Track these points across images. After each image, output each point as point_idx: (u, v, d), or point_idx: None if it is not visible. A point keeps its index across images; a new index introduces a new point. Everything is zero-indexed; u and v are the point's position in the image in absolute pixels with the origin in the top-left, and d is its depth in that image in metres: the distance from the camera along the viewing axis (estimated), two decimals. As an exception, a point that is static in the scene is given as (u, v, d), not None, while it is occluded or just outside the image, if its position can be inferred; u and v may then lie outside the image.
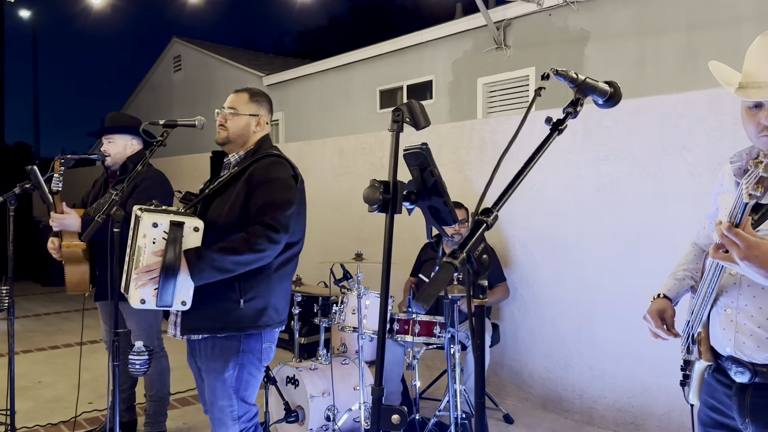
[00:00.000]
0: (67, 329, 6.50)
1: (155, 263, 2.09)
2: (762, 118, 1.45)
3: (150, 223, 2.09)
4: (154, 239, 2.09)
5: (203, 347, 2.32)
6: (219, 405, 2.32)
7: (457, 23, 7.77)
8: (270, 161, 2.33)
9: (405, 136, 1.29)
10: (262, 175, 2.28)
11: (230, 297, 2.24)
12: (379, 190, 1.30)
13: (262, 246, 2.17)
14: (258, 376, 2.39)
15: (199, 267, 2.12)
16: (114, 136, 3.29)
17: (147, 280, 2.09)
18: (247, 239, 2.17)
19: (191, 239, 2.14)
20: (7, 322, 3.06)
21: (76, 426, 3.70)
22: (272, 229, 2.19)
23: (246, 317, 2.26)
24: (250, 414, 2.37)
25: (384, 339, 1.30)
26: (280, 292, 2.36)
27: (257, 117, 2.47)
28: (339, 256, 4.05)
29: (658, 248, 3.47)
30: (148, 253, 2.10)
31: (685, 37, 5.68)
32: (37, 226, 9.77)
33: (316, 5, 9.81)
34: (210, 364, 2.31)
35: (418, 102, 1.40)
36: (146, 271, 2.09)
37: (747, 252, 1.26)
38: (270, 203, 2.23)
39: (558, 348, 3.96)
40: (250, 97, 2.48)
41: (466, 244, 1.09)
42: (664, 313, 1.75)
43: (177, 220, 2.12)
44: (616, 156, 3.67)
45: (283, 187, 2.29)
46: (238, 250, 2.15)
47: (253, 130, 2.47)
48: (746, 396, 1.51)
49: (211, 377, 2.32)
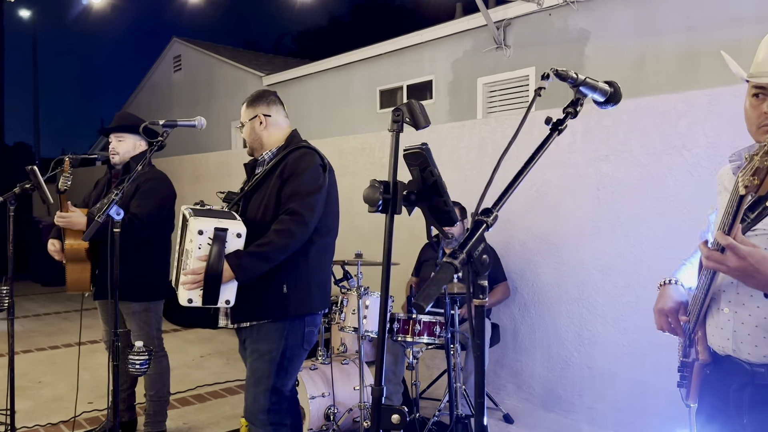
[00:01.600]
0: (67, 329, 6.50)
1: (200, 268, 2.23)
2: (766, 107, 1.46)
3: (196, 229, 2.22)
4: (200, 245, 2.23)
5: (250, 333, 2.45)
6: (255, 393, 2.42)
7: (457, 23, 7.77)
8: (299, 153, 2.46)
9: (405, 136, 1.29)
10: (292, 167, 2.42)
11: (274, 286, 2.37)
12: (379, 190, 1.30)
13: (290, 232, 2.31)
14: (298, 362, 2.50)
15: (241, 268, 2.26)
16: (124, 135, 3.30)
17: (194, 284, 2.25)
18: (277, 229, 2.32)
19: (234, 244, 2.27)
20: (7, 322, 3.06)
21: (76, 426, 3.70)
22: (297, 215, 2.33)
23: (289, 304, 2.39)
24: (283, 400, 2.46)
25: (384, 339, 1.30)
26: (319, 279, 2.50)
27: (256, 117, 2.56)
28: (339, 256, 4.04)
29: (658, 248, 3.47)
30: (194, 258, 2.24)
31: (685, 37, 5.68)
32: (37, 226, 9.76)
33: (316, 5, 9.81)
34: (255, 346, 2.43)
35: (418, 102, 1.40)
36: (192, 275, 2.24)
37: (738, 263, 1.30)
38: (296, 192, 2.37)
39: (558, 348, 3.96)
40: (246, 105, 2.61)
41: (466, 244, 1.09)
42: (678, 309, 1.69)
43: (221, 226, 2.25)
44: (616, 156, 3.67)
45: (310, 175, 2.41)
46: (272, 242, 2.29)
47: (259, 130, 2.57)
48: (744, 396, 1.51)
49: (254, 359, 2.43)
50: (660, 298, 1.73)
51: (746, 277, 1.33)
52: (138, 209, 3.11)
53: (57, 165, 2.96)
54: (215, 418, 3.87)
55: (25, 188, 3.03)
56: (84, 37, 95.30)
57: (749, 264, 1.29)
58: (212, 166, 7.66)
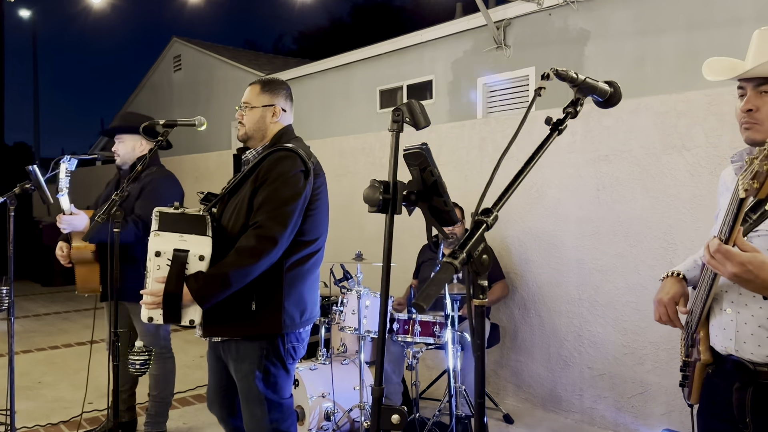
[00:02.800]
0: (67, 329, 6.50)
1: (158, 290, 2.08)
2: (741, 105, 1.49)
3: (153, 249, 2.09)
4: (158, 266, 2.09)
5: (228, 348, 2.30)
6: (251, 411, 2.29)
7: (457, 23, 7.77)
8: (277, 156, 2.22)
9: (405, 136, 1.29)
10: (266, 172, 2.19)
11: (242, 303, 2.18)
12: (379, 190, 1.30)
13: (255, 251, 2.10)
14: (287, 375, 2.33)
15: (201, 293, 2.09)
16: (124, 136, 3.27)
17: (152, 304, 2.10)
18: (241, 248, 2.11)
19: (195, 267, 2.10)
20: (7, 322, 3.06)
21: (75, 426, 3.70)
22: (265, 229, 2.11)
23: (260, 323, 2.21)
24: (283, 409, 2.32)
25: (384, 339, 1.30)
26: (296, 296, 2.26)
27: (272, 107, 2.34)
28: (339, 256, 4.05)
29: (658, 248, 3.47)
30: (152, 280, 2.10)
31: (685, 37, 5.69)
32: (37, 226, 9.77)
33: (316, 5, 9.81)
34: (237, 366, 2.28)
35: (418, 102, 1.40)
36: (151, 296, 2.09)
37: (737, 269, 1.32)
38: (268, 201, 2.15)
39: (558, 348, 3.96)
40: (261, 87, 2.36)
41: (466, 244, 1.09)
42: (677, 301, 1.69)
43: (181, 247, 2.09)
44: (616, 156, 3.67)
45: (285, 182, 2.17)
46: (233, 265, 2.09)
47: (269, 122, 2.35)
48: (747, 396, 1.51)
49: (241, 381, 2.29)
50: (660, 290, 1.74)
51: (744, 282, 1.35)
52: (141, 210, 3.10)
53: (57, 165, 2.95)
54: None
55: (25, 188, 3.03)
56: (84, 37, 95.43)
57: (748, 270, 1.31)
58: (212, 166, 7.66)
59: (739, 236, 1.31)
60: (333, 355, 3.79)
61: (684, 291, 1.71)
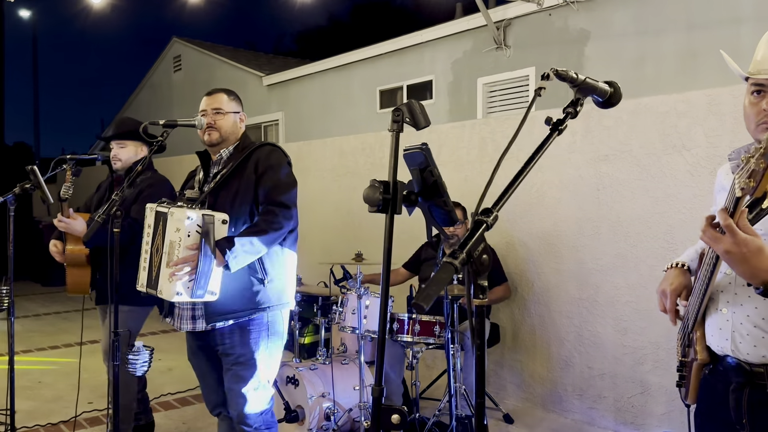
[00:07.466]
0: (67, 329, 6.50)
1: (191, 256, 2.18)
2: (764, 104, 1.46)
3: (184, 216, 2.18)
4: (189, 233, 2.18)
5: (229, 338, 2.43)
6: (245, 391, 2.43)
7: (456, 23, 7.77)
8: (269, 149, 2.53)
9: (405, 136, 1.29)
10: (266, 162, 2.46)
11: (255, 279, 2.39)
12: (379, 190, 1.30)
13: (279, 223, 2.35)
14: (278, 357, 2.54)
15: (234, 254, 2.22)
16: (125, 141, 3.26)
17: (184, 273, 2.18)
18: (266, 219, 2.35)
19: (220, 231, 2.25)
20: (7, 322, 3.06)
21: (76, 426, 3.70)
22: (284, 207, 2.39)
23: (271, 296, 2.43)
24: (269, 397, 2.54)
25: (384, 339, 1.30)
26: (291, 271, 2.57)
27: (239, 113, 2.63)
28: (339, 256, 4.05)
29: (658, 248, 3.47)
30: (183, 247, 2.18)
31: (684, 37, 5.69)
32: (37, 226, 9.76)
33: (316, 5, 9.81)
34: (239, 350, 2.42)
35: (418, 102, 1.40)
36: (183, 264, 2.18)
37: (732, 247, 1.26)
38: (277, 185, 2.42)
39: (558, 348, 3.96)
40: (228, 96, 2.62)
41: (466, 244, 1.09)
42: (680, 293, 1.67)
43: (208, 213, 2.24)
44: (616, 156, 3.67)
45: (285, 170, 2.50)
46: (263, 231, 2.31)
47: (239, 126, 2.62)
48: (743, 397, 1.51)
49: (240, 366, 2.43)
50: (664, 280, 1.71)
51: (735, 263, 1.30)
52: (138, 214, 3.09)
53: (57, 165, 2.95)
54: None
55: (25, 188, 3.02)
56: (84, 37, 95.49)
57: (742, 251, 1.26)
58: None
59: (743, 218, 1.28)
60: (333, 355, 3.79)
61: (688, 282, 1.68)
